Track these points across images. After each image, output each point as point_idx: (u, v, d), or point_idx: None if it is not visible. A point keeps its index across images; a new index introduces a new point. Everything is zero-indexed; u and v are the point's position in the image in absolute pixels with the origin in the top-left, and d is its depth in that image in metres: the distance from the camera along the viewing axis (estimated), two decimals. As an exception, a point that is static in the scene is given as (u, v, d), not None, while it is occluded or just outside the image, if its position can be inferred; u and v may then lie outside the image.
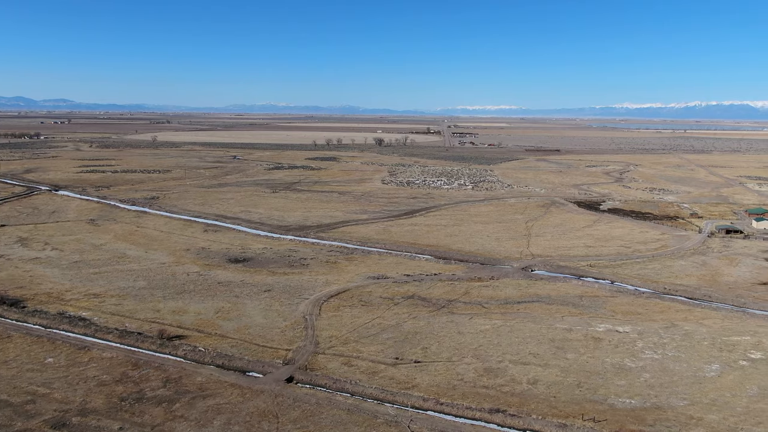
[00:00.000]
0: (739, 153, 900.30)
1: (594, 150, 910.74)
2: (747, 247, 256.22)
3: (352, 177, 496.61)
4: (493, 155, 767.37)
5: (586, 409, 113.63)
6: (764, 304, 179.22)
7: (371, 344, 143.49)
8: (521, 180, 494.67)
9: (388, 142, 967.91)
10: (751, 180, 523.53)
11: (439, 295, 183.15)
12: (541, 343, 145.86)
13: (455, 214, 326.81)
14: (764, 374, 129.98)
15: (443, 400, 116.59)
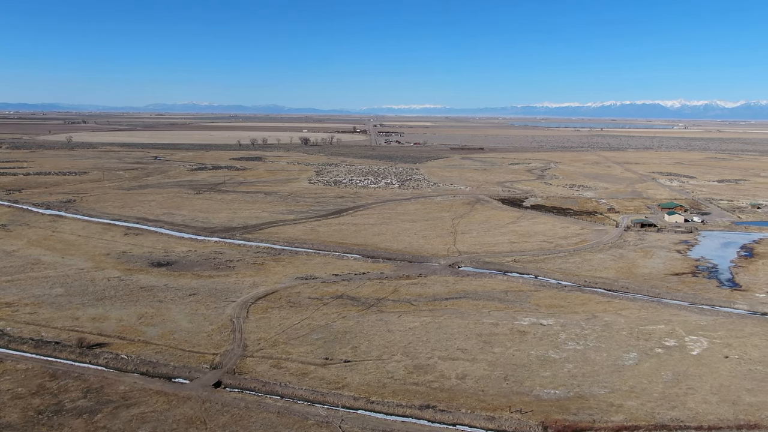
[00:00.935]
0: (651, 150, 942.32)
1: (516, 148, 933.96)
2: (660, 239, 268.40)
3: (278, 177, 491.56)
4: (418, 154, 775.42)
5: (513, 402, 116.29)
6: (677, 294, 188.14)
7: (300, 345, 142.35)
8: (447, 178, 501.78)
9: (314, 142, 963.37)
10: (662, 176, 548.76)
11: (368, 293, 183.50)
12: (469, 338, 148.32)
13: (383, 212, 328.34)
14: (678, 360, 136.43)
15: (374, 399, 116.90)
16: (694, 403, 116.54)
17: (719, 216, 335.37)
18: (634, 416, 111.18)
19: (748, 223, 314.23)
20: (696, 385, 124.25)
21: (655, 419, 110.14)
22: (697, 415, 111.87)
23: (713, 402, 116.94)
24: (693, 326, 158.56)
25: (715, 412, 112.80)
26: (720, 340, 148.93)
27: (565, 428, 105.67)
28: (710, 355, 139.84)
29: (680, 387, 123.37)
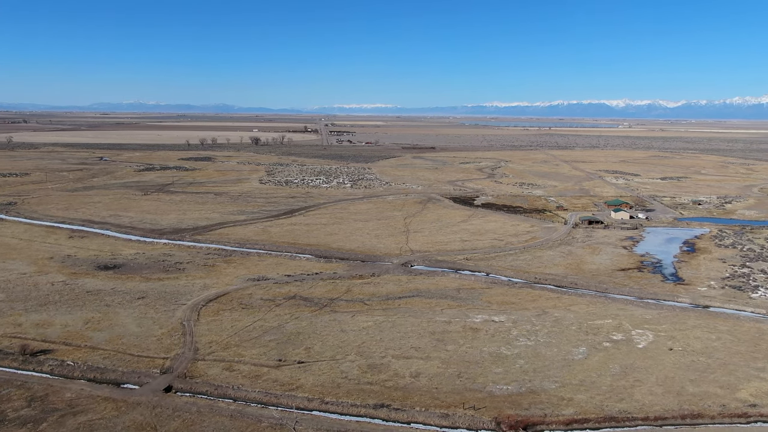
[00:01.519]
0: (598, 149, 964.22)
1: (467, 147, 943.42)
2: (607, 236, 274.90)
3: (229, 177, 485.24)
4: (370, 153, 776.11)
5: (467, 398, 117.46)
6: (623, 289, 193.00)
7: (253, 347, 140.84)
8: (399, 177, 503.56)
9: (264, 141, 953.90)
10: (609, 174, 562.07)
11: (321, 294, 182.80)
12: (422, 336, 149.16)
13: (335, 212, 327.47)
14: (625, 354, 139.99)
15: (328, 399, 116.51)
16: (640, 394, 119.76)
17: (663, 212, 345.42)
18: (584, 409, 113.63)
19: (690, 219, 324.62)
20: (642, 377, 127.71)
21: (603, 412, 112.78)
22: (643, 406, 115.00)
23: (659, 393, 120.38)
24: (639, 320, 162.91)
25: (661, 403, 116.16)
26: (664, 333, 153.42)
27: (518, 423, 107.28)
28: (655, 347, 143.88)
29: (627, 379, 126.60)
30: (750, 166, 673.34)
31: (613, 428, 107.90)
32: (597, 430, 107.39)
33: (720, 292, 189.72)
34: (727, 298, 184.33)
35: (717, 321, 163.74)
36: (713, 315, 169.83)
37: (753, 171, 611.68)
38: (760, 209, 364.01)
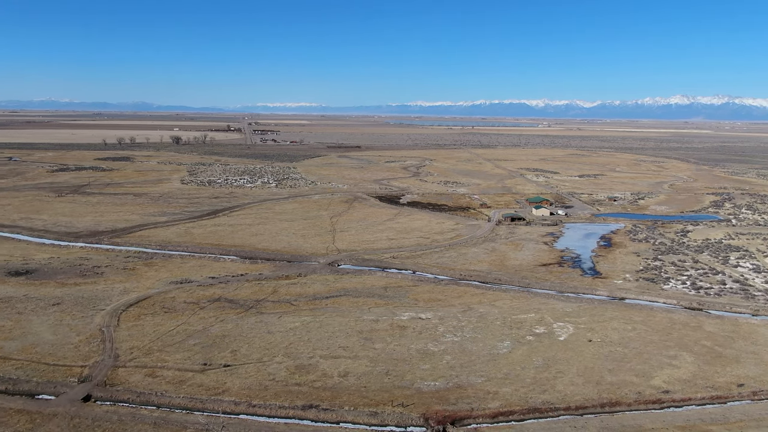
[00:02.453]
0: (519, 147, 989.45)
1: (392, 146, 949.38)
2: (529, 232, 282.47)
3: (149, 177, 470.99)
4: (295, 152, 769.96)
5: (396, 396, 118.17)
6: (545, 283, 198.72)
7: (177, 352, 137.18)
8: (324, 176, 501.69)
9: (186, 141, 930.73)
10: (530, 172, 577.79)
11: (247, 295, 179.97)
12: (350, 335, 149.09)
13: (260, 212, 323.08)
14: (547, 346, 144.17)
15: (255, 402, 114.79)
16: (562, 385, 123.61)
17: (581, 209, 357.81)
18: (509, 402, 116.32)
19: (606, 215, 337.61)
20: (564, 368, 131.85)
21: (528, 403, 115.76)
22: (565, 396, 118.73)
23: (579, 383, 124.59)
24: (560, 313, 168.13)
25: (581, 393, 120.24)
26: (584, 325, 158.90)
27: (445, 418, 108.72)
28: (576, 339, 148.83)
29: (550, 371, 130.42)
30: (661, 163, 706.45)
31: (537, 419, 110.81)
32: (522, 421, 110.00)
33: (635, 285, 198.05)
34: (642, 290, 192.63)
35: (632, 312, 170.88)
36: (629, 307, 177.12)
37: (663, 168, 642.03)
38: (670, 205, 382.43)
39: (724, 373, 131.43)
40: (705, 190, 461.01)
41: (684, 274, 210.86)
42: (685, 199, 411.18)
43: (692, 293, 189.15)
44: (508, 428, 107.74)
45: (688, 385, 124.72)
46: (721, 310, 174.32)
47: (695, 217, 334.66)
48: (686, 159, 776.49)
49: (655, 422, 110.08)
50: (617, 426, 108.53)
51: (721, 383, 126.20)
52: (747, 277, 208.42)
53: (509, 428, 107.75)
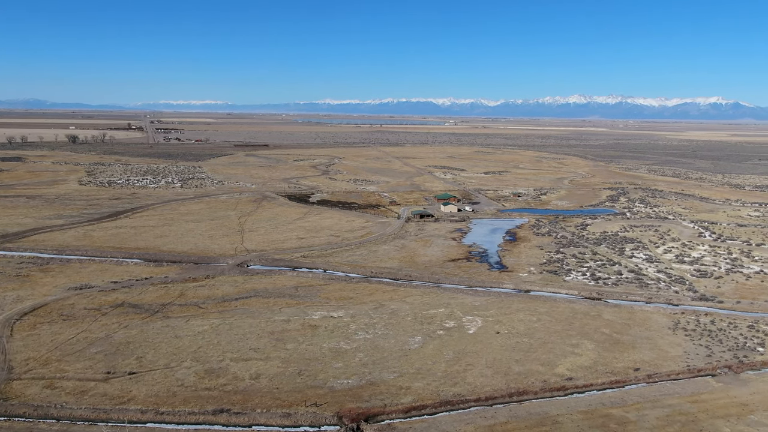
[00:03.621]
0: (426, 145, 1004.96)
1: (301, 144, 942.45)
2: (437, 229, 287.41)
3: (43, 179, 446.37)
4: (201, 151, 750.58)
5: (309, 396, 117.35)
6: (454, 278, 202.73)
7: (77, 361, 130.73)
8: (232, 176, 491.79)
9: (83, 140, 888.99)
10: (437, 169, 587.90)
11: (152, 299, 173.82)
12: (261, 337, 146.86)
13: (164, 213, 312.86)
14: (457, 340, 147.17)
15: (163, 409, 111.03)
16: (472, 377, 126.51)
17: (487, 205, 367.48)
18: (421, 396, 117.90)
19: (511, 210, 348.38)
20: (473, 361, 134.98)
21: (439, 397, 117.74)
22: (475, 388, 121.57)
23: (488, 375, 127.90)
24: (469, 307, 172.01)
25: (491, 384, 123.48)
26: (492, 318, 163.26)
27: (359, 415, 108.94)
28: (484, 332, 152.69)
29: (460, 364, 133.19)
30: (561, 160, 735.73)
31: (449, 411, 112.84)
32: (434, 414, 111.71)
33: (539, 277, 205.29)
34: (545, 282, 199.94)
35: (537, 304, 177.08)
36: (534, 298, 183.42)
37: (564, 165, 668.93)
38: (570, 200, 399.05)
39: (622, 358, 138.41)
40: (602, 185, 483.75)
41: (584, 265, 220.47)
42: (584, 194, 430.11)
43: (592, 284, 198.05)
44: (421, 422, 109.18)
45: (589, 372, 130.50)
46: (618, 299, 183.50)
47: (593, 211, 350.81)
48: (584, 156, 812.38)
49: (560, 408, 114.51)
50: (525, 414, 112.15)
51: (619, 368, 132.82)
52: (641, 267, 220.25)
53: (422, 422, 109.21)
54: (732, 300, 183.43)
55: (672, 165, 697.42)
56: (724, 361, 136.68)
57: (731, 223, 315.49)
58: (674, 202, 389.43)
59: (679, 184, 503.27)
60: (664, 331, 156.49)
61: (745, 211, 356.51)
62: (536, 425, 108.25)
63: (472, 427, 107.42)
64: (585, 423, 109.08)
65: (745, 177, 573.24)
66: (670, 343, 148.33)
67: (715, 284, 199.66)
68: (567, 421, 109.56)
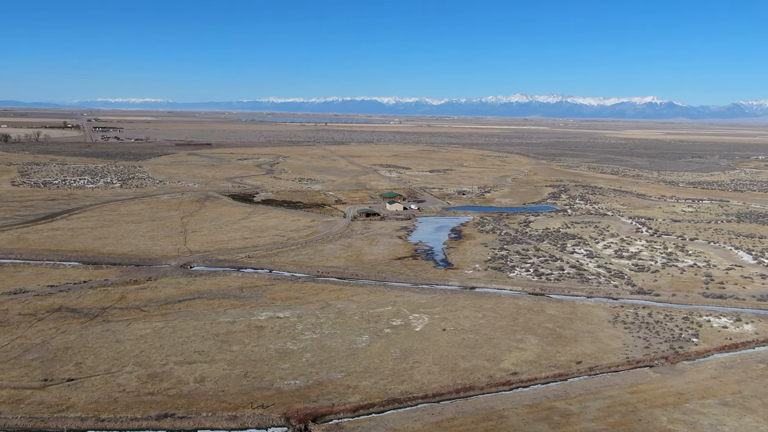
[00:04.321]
0: (372, 144, 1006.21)
1: (245, 143, 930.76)
2: (383, 227, 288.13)
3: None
4: (141, 150, 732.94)
5: (255, 397, 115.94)
6: (400, 277, 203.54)
7: (12, 369, 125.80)
8: (173, 175, 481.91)
9: (16, 138, 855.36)
10: (383, 168, 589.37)
11: (91, 303, 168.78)
12: (206, 339, 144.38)
13: (104, 214, 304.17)
14: (404, 338, 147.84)
15: (104, 416, 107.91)
16: (419, 375, 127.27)
17: (432, 203, 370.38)
18: (369, 395, 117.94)
19: (456, 208, 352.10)
20: (420, 358, 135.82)
21: (387, 395, 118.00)
22: (423, 385, 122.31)
23: (435, 372, 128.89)
24: (415, 305, 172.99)
25: (438, 381, 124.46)
26: (438, 315, 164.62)
27: (306, 416, 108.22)
28: (431, 329, 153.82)
29: (407, 362, 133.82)
30: (504, 158, 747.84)
31: (397, 409, 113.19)
32: (382, 413, 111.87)
33: (484, 274, 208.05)
34: (490, 278, 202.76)
35: (482, 300, 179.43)
36: (479, 295, 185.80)
37: (507, 163, 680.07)
38: (513, 197, 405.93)
39: (565, 352, 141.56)
40: (544, 182, 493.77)
41: (528, 262, 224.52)
42: (527, 191, 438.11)
43: (535, 280, 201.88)
44: (369, 420, 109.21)
45: (533, 366, 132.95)
46: (561, 294, 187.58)
47: (536, 208, 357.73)
48: (527, 154, 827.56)
49: (505, 403, 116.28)
50: (471, 410, 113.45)
51: (562, 362, 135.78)
52: (582, 262, 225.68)
53: (370, 420, 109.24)
54: (668, 293, 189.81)
55: (610, 163, 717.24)
56: (661, 352, 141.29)
57: (666, 218, 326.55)
58: (613, 199, 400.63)
59: (617, 181, 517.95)
60: (605, 324, 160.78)
61: (679, 207, 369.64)
62: (483, 420, 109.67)
63: (420, 424, 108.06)
64: (530, 416, 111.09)
65: (679, 174, 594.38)
66: (610, 336, 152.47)
67: (652, 278, 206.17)
68: (512, 415, 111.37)
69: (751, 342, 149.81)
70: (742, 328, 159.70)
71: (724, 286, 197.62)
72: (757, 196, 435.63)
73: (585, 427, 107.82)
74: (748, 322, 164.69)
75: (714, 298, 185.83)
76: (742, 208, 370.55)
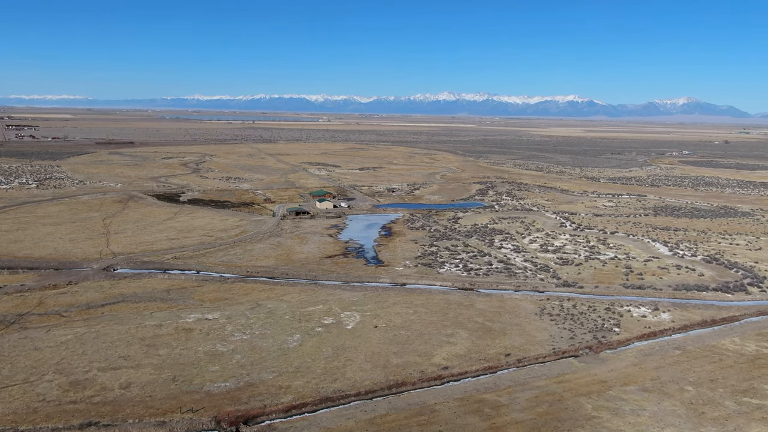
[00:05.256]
0: (300, 142, 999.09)
1: (169, 141, 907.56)
2: (314, 225, 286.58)
3: None
4: (59, 149, 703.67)
5: (184, 402, 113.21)
6: (331, 275, 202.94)
7: None
8: (94, 175, 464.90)
9: None
10: (312, 166, 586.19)
11: (7, 310, 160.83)
12: (131, 344, 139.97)
13: (19, 216, 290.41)
14: (336, 336, 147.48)
15: (23, 428, 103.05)
16: (352, 372, 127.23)
17: (362, 201, 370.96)
18: (301, 394, 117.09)
19: (386, 206, 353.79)
20: (352, 356, 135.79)
21: (320, 394, 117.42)
22: (355, 383, 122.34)
23: (368, 369, 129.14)
24: (347, 303, 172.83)
25: (370, 378, 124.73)
26: (370, 312, 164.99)
27: (237, 418, 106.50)
28: (362, 327, 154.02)
29: (339, 360, 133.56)
30: (433, 155, 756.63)
31: (329, 408, 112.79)
32: (314, 412, 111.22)
33: (414, 270, 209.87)
34: (420, 275, 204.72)
35: (413, 296, 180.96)
36: (410, 291, 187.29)
37: (435, 160, 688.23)
38: (442, 194, 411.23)
39: (494, 345, 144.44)
40: (471, 179, 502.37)
41: (457, 257, 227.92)
42: (455, 188, 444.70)
43: (465, 275, 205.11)
44: (302, 420, 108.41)
45: (464, 360, 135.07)
46: (490, 288, 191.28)
47: (464, 205, 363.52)
48: (455, 151, 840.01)
49: (437, 397, 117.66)
50: (404, 405, 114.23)
51: (491, 355, 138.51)
52: (509, 257, 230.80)
53: (302, 420, 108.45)
54: (591, 285, 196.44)
55: (535, 159, 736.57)
56: (586, 343, 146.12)
57: (589, 213, 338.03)
58: (538, 195, 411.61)
59: (542, 177, 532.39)
60: (532, 317, 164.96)
61: (600, 202, 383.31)
62: (415, 415, 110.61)
63: (353, 422, 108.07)
64: (461, 409, 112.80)
65: (600, 170, 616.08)
66: (537, 328, 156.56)
67: (576, 271, 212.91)
68: (444, 409, 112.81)
69: (668, 330, 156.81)
70: (659, 317, 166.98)
71: (642, 277, 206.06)
72: (671, 191, 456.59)
73: (514, 417, 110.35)
74: (665, 310, 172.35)
75: (633, 288, 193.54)
76: (659, 202, 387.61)
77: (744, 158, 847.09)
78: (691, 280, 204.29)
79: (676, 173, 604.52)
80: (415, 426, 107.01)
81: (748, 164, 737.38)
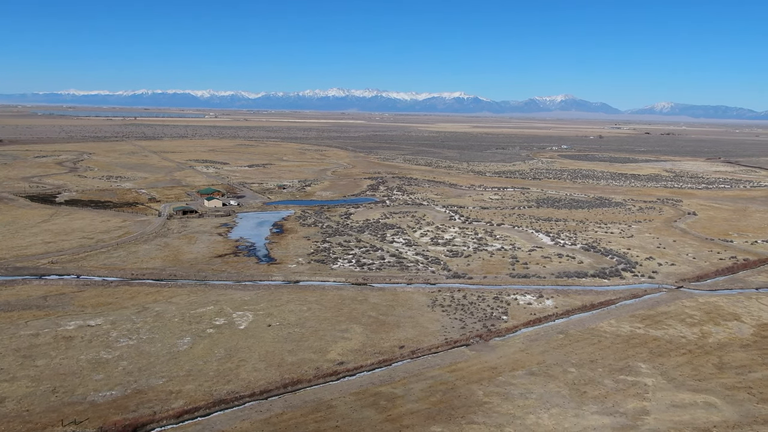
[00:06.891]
0: (186, 138, 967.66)
1: (42, 139, 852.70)
2: (202, 224, 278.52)
3: None
4: None
5: (66, 414, 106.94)
6: (222, 275, 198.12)
7: None
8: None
9: None
10: (199, 163, 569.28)
11: None
12: (5, 355, 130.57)
13: None
14: (228, 337, 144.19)
15: None
16: (246, 373, 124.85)
17: (252, 198, 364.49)
18: (193, 398, 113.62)
19: (277, 203, 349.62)
20: (246, 356, 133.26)
21: (212, 396, 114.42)
22: (249, 383, 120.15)
23: (262, 368, 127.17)
24: (239, 302, 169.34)
25: (265, 377, 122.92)
26: (263, 311, 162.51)
27: (125, 427, 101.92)
28: (256, 326, 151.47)
29: (232, 361, 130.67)
30: (323, 151, 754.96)
31: (223, 410, 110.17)
32: (208, 416, 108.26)
33: (307, 267, 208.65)
34: (314, 271, 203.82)
35: (307, 293, 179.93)
36: (303, 288, 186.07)
37: (326, 156, 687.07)
38: (333, 190, 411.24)
39: (388, 338, 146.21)
40: (362, 175, 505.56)
41: (350, 253, 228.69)
42: (346, 184, 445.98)
43: (358, 270, 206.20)
44: (195, 425, 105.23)
45: (359, 354, 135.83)
46: (383, 283, 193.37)
47: (356, 200, 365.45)
48: (345, 147, 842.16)
49: (333, 393, 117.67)
50: (300, 403, 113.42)
51: (386, 348, 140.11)
52: (401, 251, 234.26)
53: (195, 424, 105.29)
54: (479, 275, 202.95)
55: (424, 155, 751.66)
56: (476, 331, 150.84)
57: (476, 206, 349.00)
58: (428, 189, 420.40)
59: (431, 172, 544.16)
60: (424, 309, 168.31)
61: (486, 195, 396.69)
62: (311, 412, 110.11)
63: (248, 422, 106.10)
64: (357, 403, 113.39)
65: (486, 165, 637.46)
66: (430, 319, 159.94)
67: (465, 262, 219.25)
68: (341, 404, 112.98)
69: (552, 315, 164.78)
70: (544, 304, 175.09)
71: (527, 266, 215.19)
72: (552, 183, 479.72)
73: (410, 408, 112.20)
74: (549, 297, 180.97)
75: (519, 277, 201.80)
76: (541, 195, 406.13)
77: (616, 152, 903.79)
78: (571, 267, 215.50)
79: (556, 167, 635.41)
80: (312, 423, 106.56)
81: (620, 157, 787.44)
